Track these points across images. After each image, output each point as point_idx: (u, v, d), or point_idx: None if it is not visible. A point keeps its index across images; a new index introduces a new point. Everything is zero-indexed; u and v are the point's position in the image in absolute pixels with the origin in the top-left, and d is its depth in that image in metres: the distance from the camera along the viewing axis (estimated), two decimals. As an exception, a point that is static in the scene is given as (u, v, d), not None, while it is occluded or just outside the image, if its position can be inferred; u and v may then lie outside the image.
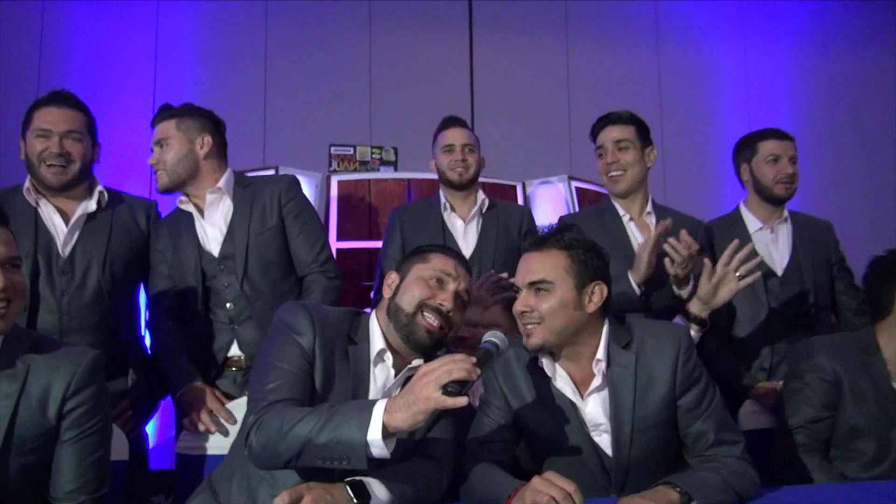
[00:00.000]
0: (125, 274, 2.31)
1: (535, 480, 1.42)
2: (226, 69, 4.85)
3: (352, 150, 4.91)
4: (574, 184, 4.01)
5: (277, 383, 1.58)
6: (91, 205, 2.28)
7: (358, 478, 1.48)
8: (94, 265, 2.24)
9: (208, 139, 2.33)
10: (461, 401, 1.36)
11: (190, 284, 2.32)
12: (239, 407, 1.99)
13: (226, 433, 1.99)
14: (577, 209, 3.85)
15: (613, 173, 2.53)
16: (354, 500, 1.45)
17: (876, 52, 6.14)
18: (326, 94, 5.18)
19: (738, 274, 2.16)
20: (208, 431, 1.99)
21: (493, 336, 1.56)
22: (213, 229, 2.33)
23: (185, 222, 2.35)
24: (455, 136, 2.80)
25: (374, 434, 1.39)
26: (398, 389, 1.68)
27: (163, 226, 2.40)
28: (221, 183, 2.34)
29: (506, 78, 5.51)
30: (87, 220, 2.28)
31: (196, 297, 2.31)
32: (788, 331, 2.53)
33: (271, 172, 3.60)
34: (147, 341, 2.44)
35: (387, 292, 1.77)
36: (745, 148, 2.71)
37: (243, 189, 2.37)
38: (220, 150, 2.39)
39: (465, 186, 2.79)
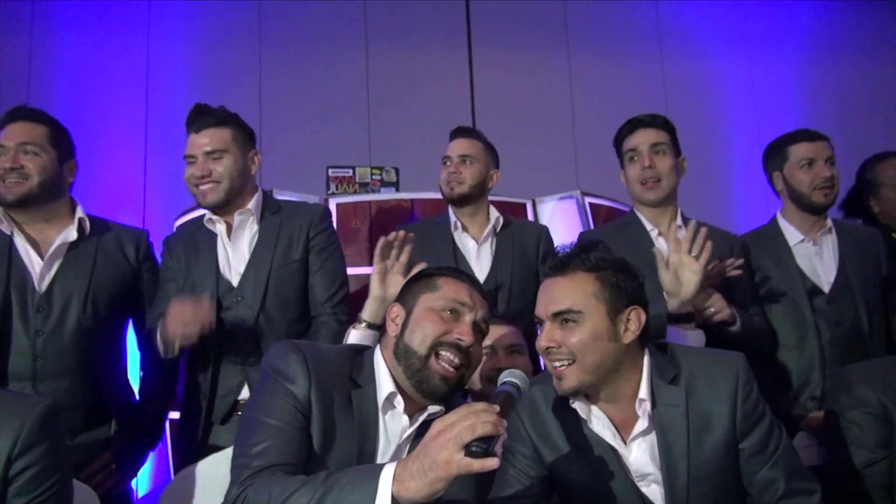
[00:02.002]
0: (109, 310, 2.11)
1: None
2: (219, 90, 4.64)
3: (350, 171, 4.73)
4: (588, 199, 3.79)
5: (265, 445, 1.34)
6: (71, 233, 2.08)
7: None
8: (75, 300, 2.03)
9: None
10: (491, 462, 1.13)
11: None
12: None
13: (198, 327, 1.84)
14: (591, 226, 3.62)
15: (649, 180, 2.30)
16: None
17: (883, 57, 5.99)
18: (323, 114, 5.03)
19: (693, 254, 1.95)
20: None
21: (511, 376, 1.33)
22: (236, 256, 2.17)
23: (204, 243, 2.18)
24: (453, 147, 2.58)
25: None
26: (407, 446, 1.44)
27: (177, 243, 2.24)
28: (251, 204, 2.19)
29: (507, 93, 5.37)
30: (68, 250, 2.07)
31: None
32: (840, 354, 2.28)
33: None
34: (134, 385, 2.25)
35: (392, 329, 1.54)
36: (774, 154, 2.47)
37: (271, 214, 2.22)
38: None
39: (459, 202, 2.54)
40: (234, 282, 2.15)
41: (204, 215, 2.25)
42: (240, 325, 2.12)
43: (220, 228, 2.19)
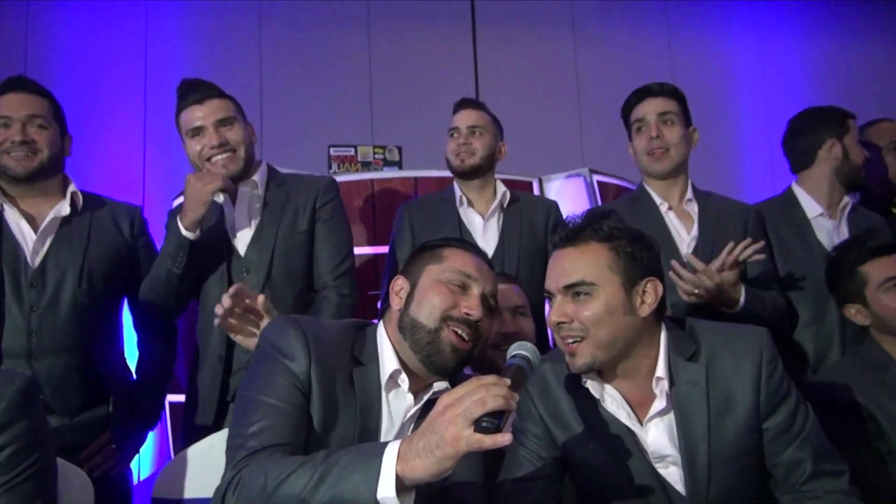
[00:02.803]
0: (105, 287, 2.06)
1: None
2: (218, 67, 4.59)
3: (353, 150, 4.66)
4: (596, 178, 3.70)
5: (262, 424, 1.26)
6: (64, 207, 2.02)
7: None
8: (69, 276, 1.98)
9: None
10: (503, 438, 1.05)
11: (212, 287, 2.10)
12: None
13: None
14: (599, 205, 3.53)
15: (656, 150, 2.22)
16: None
17: (893, 31, 5.89)
18: (325, 92, 4.96)
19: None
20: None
21: (521, 349, 1.25)
22: (241, 227, 2.13)
23: (210, 213, 2.10)
24: (461, 118, 2.50)
25: (387, 490, 1.08)
26: (411, 426, 1.37)
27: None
28: (256, 176, 2.15)
29: (511, 70, 5.29)
30: (60, 225, 2.02)
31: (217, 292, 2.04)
32: (854, 333, 2.20)
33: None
34: (131, 363, 2.20)
35: (395, 302, 1.46)
36: (833, 123, 2.38)
37: (277, 186, 2.18)
38: None
39: (470, 174, 2.46)
40: (242, 251, 2.11)
41: None
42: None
43: (226, 202, 2.12)
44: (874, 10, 5.84)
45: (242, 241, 2.12)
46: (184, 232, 1.97)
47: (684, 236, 2.19)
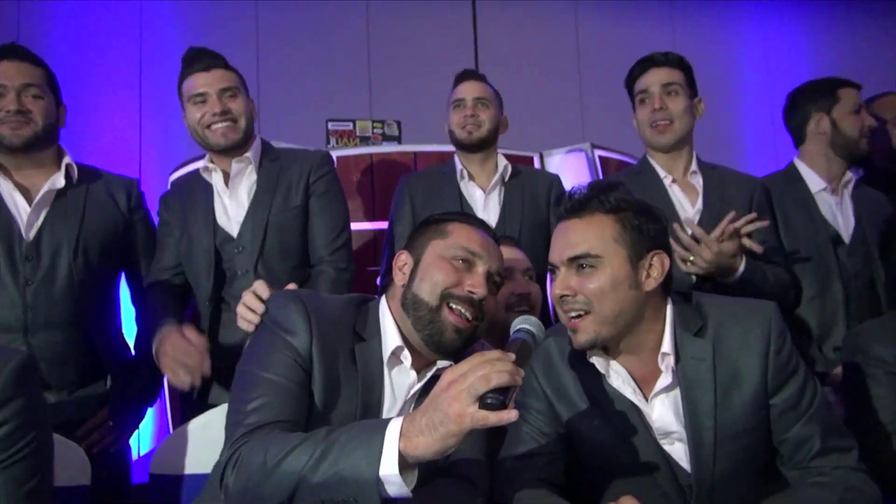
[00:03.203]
0: (101, 261, 2.03)
1: None
2: (216, 40, 4.35)
3: (351, 124, 4.63)
4: (598, 152, 3.66)
5: (262, 401, 1.24)
6: (59, 180, 1.99)
7: None
8: (65, 250, 1.95)
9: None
10: (509, 414, 1.02)
11: (199, 267, 2.10)
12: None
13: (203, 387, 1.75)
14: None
15: (660, 122, 2.17)
16: None
17: (897, 8, 5.85)
18: (322, 66, 4.91)
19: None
20: (190, 388, 1.77)
21: (525, 323, 1.21)
22: (234, 205, 2.11)
23: (200, 194, 2.12)
24: (465, 89, 2.45)
25: (389, 467, 1.06)
26: (413, 403, 1.35)
27: (173, 198, 2.20)
28: (250, 152, 2.13)
29: (511, 45, 5.25)
30: (55, 197, 1.99)
31: (205, 283, 2.09)
32: (858, 308, 2.20)
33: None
34: (129, 339, 2.18)
35: (399, 278, 1.43)
36: (820, 95, 2.34)
37: (270, 162, 2.16)
38: None
39: (477, 147, 2.42)
40: (234, 232, 2.09)
41: (197, 169, 2.18)
42: (240, 277, 2.07)
43: (216, 178, 2.13)
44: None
45: (235, 220, 2.10)
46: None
47: (688, 209, 2.16)
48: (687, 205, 2.17)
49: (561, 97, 5.24)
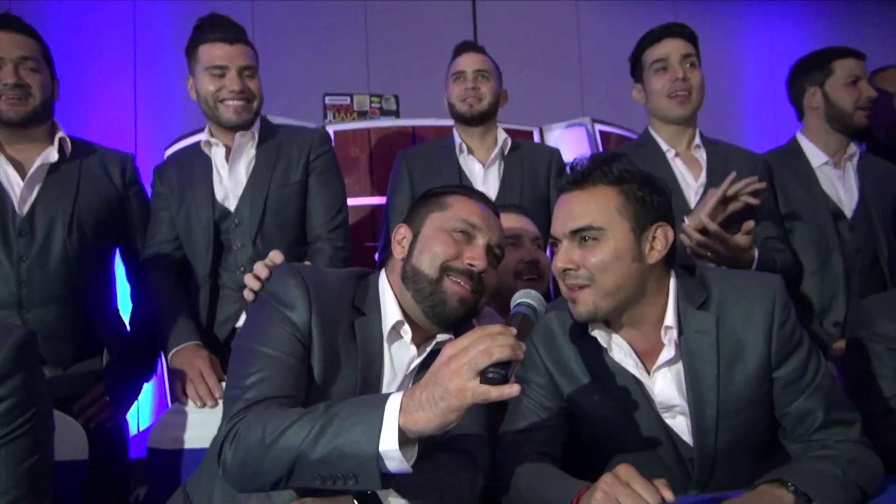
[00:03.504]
0: (96, 236, 2.00)
1: (607, 480, 1.08)
2: (210, 4, 4.38)
3: (348, 99, 4.57)
4: (598, 127, 3.63)
5: (260, 376, 1.22)
6: (52, 154, 1.96)
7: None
8: (59, 225, 1.92)
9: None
10: (511, 389, 1.01)
11: (197, 241, 2.09)
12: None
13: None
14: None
15: (680, 92, 2.13)
16: None
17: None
18: (320, 39, 4.86)
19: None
20: (198, 405, 1.73)
21: (526, 297, 1.19)
22: (233, 180, 2.10)
23: (199, 168, 2.09)
24: (466, 61, 2.42)
25: (389, 443, 1.04)
26: (413, 378, 1.34)
27: (169, 170, 2.16)
28: (254, 127, 2.12)
29: (511, 18, 5.19)
30: (49, 172, 1.96)
31: (203, 257, 2.08)
32: (860, 283, 2.18)
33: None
34: (125, 315, 2.16)
35: (398, 251, 1.41)
36: (814, 68, 2.31)
37: (269, 138, 2.15)
38: None
39: (479, 120, 2.40)
40: (232, 206, 2.08)
41: (196, 143, 2.16)
42: (238, 252, 2.07)
43: (217, 152, 2.11)
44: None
45: (234, 194, 2.09)
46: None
47: (691, 183, 2.14)
48: (690, 178, 2.15)
49: (561, 71, 5.20)
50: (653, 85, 2.18)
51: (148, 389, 3.42)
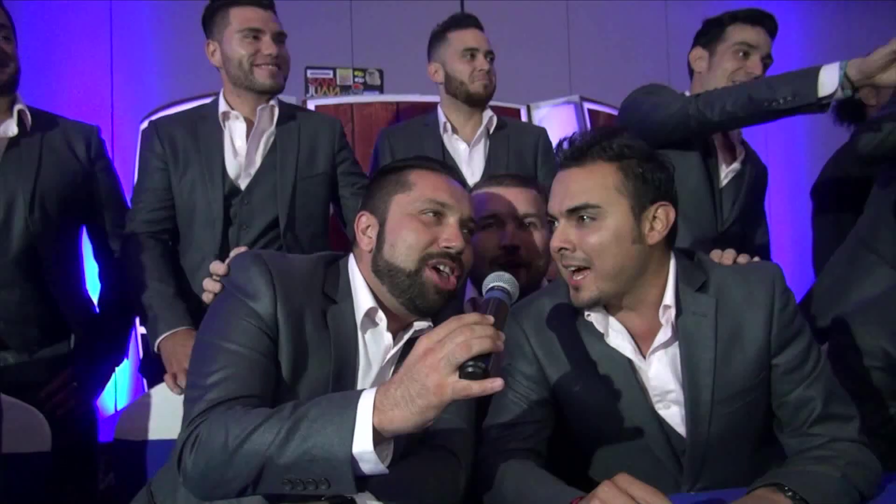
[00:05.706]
0: (60, 214, 1.91)
1: (605, 489, 1.00)
2: None
3: (331, 73, 4.47)
4: (587, 105, 3.56)
5: (223, 374, 1.12)
6: (11, 127, 1.86)
7: None
8: (19, 202, 1.83)
9: None
10: (493, 384, 0.93)
11: (200, 216, 1.99)
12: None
13: None
14: (590, 132, 3.39)
15: None
16: None
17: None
18: (302, 11, 4.64)
19: None
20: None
21: (498, 280, 1.12)
22: (248, 157, 2.02)
23: (210, 136, 2.01)
24: (476, 39, 2.32)
25: (363, 444, 0.96)
26: (390, 369, 1.27)
27: (174, 127, 2.04)
28: (274, 100, 2.06)
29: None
30: (7, 147, 1.85)
31: (206, 235, 1.98)
32: None
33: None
34: (93, 296, 2.07)
35: (365, 243, 1.32)
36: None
37: (290, 120, 2.10)
38: None
39: (485, 102, 2.34)
40: (243, 185, 2.01)
41: (200, 107, 2.09)
42: (243, 230, 2.00)
43: (237, 126, 2.03)
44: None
45: (246, 172, 2.02)
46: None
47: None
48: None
49: (549, 48, 5.07)
50: (725, 62, 2.08)
51: (127, 368, 3.34)
